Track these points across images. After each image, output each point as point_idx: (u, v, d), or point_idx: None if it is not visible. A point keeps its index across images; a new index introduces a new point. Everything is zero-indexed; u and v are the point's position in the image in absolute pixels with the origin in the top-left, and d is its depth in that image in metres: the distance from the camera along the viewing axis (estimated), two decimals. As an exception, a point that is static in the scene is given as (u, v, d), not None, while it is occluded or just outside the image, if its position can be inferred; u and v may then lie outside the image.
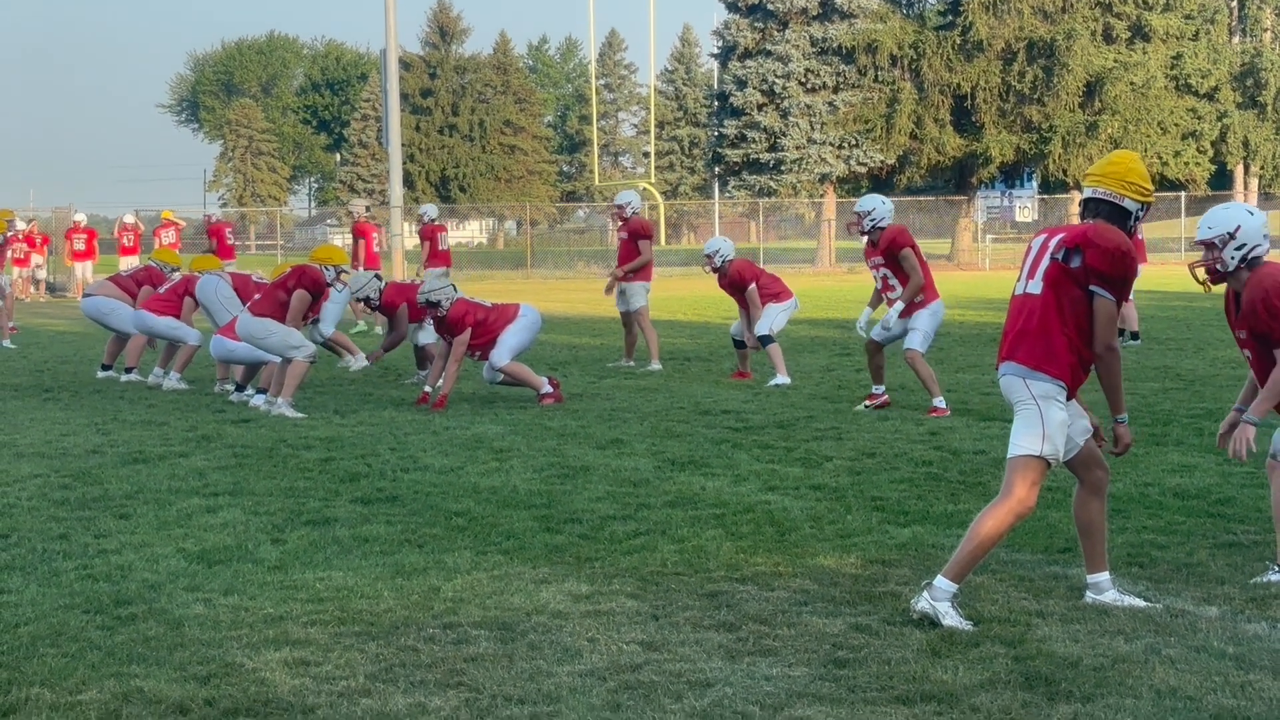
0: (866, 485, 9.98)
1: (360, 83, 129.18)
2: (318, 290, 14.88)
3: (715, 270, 17.37)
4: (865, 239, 14.30)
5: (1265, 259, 7.28)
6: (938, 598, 6.56)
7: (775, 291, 17.21)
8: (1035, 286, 6.72)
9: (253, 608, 7.03)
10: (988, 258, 63.02)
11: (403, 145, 68.08)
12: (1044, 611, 6.79)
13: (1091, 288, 6.59)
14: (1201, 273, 7.36)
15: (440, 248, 26.04)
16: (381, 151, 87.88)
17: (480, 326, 14.79)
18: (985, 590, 7.16)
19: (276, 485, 10.26)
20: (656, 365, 18.35)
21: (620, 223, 19.40)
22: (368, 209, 29.69)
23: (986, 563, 7.67)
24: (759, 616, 6.76)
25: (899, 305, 13.92)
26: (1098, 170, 6.89)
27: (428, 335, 16.83)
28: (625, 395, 15.53)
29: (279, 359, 14.65)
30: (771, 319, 16.96)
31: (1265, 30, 72.26)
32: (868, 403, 14.13)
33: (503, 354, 14.88)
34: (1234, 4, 71.72)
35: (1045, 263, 6.71)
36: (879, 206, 14.11)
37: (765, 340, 16.79)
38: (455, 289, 15.07)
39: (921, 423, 13.02)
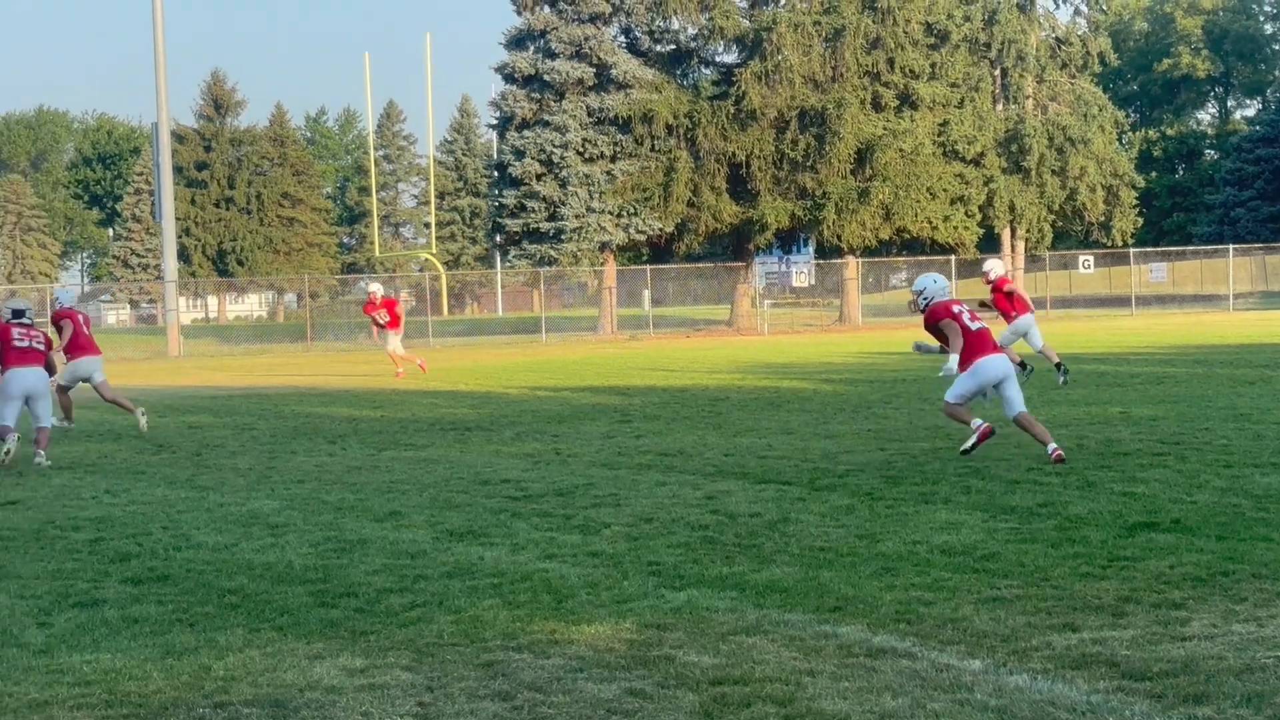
0: (643, 550, 10.06)
1: (133, 156, 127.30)
2: None
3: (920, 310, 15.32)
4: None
5: None
6: None
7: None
8: None
9: (17, 693, 6.86)
10: (766, 323, 63.95)
11: (178, 219, 67.30)
12: (814, 670, 6.90)
13: None
14: None
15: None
16: (156, 226, 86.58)
17: None
18: (757, 650, 7.26)
19: (44, 568, 10.02)
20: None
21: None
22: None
23: (759, 624, 7.79)
24: (534, 684, 6.78)
25: None
26: None
27: None
28: (404, 467, 15.46)
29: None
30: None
31: (1028, 98, 74.70)
32: None
33: None
34: (997, 73, 74.01)
35: None
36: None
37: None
38: None
39: (699, 487, 13.15)
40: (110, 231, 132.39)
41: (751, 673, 6.86)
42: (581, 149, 63.11)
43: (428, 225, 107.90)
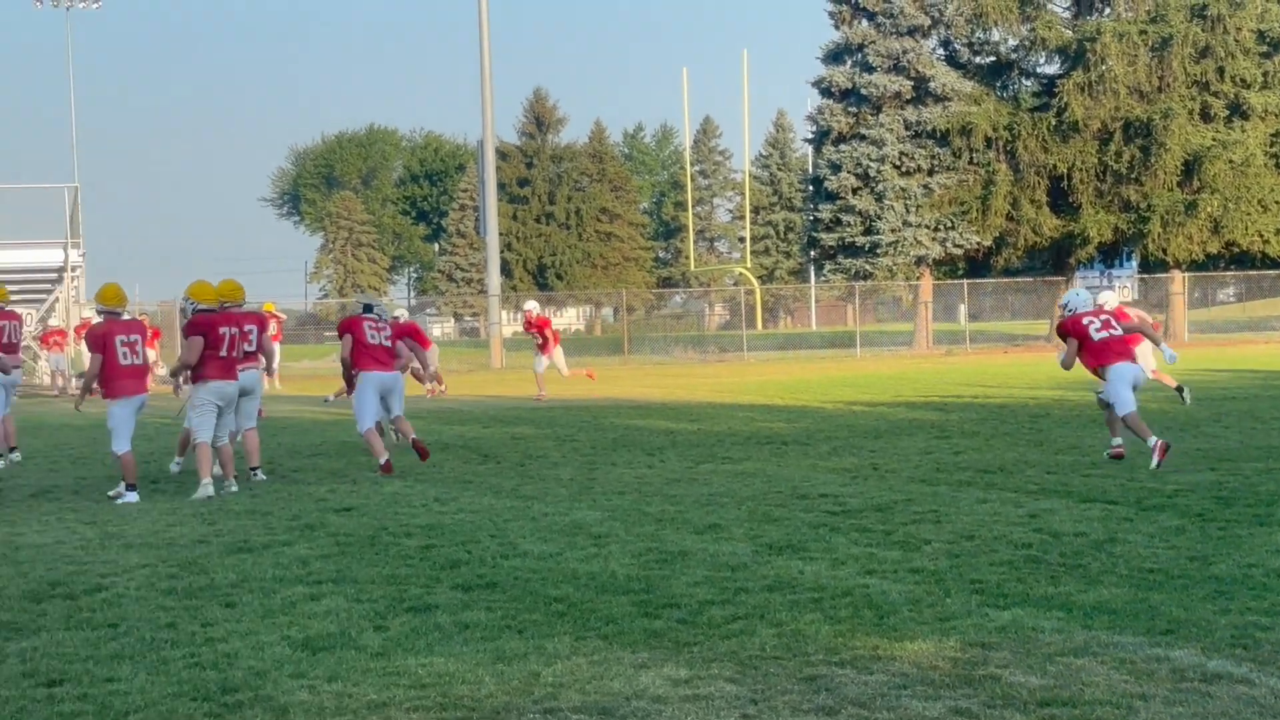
0: (965, 568, 9.94)
1: (458, 173, 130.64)
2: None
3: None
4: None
5: None
6: None
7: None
8: None
9: (356, 694, 7.10)
10: (1087, 338, 62.51)
11: (500, 234, 68.77)
12: (1146, 694, 6.74)
13: None
14: None
15: None
16: (479, 241, 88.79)
17: None
18: (1086, 672, 7.12)
19: (378, 573, 10.36)
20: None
21: None
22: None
23: (1087, 645, 7.64)
24: (858, 700, 6.76)
25: None
26: None
27: None
28: (722, 480, 15.56)
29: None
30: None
31: (1367, 105, 71.48)
32: None
33: None
34: (1334, 80, 71.05)
35: None
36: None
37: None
38: None
39: (1021, 505, 12.95)
40: (435, 246, 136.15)
41: (1081, 694, 6.73)
42: (898, 162, 62.73)
43: (742, 239, 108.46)
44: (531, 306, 33.74)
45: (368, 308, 18.16)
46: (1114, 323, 16.73)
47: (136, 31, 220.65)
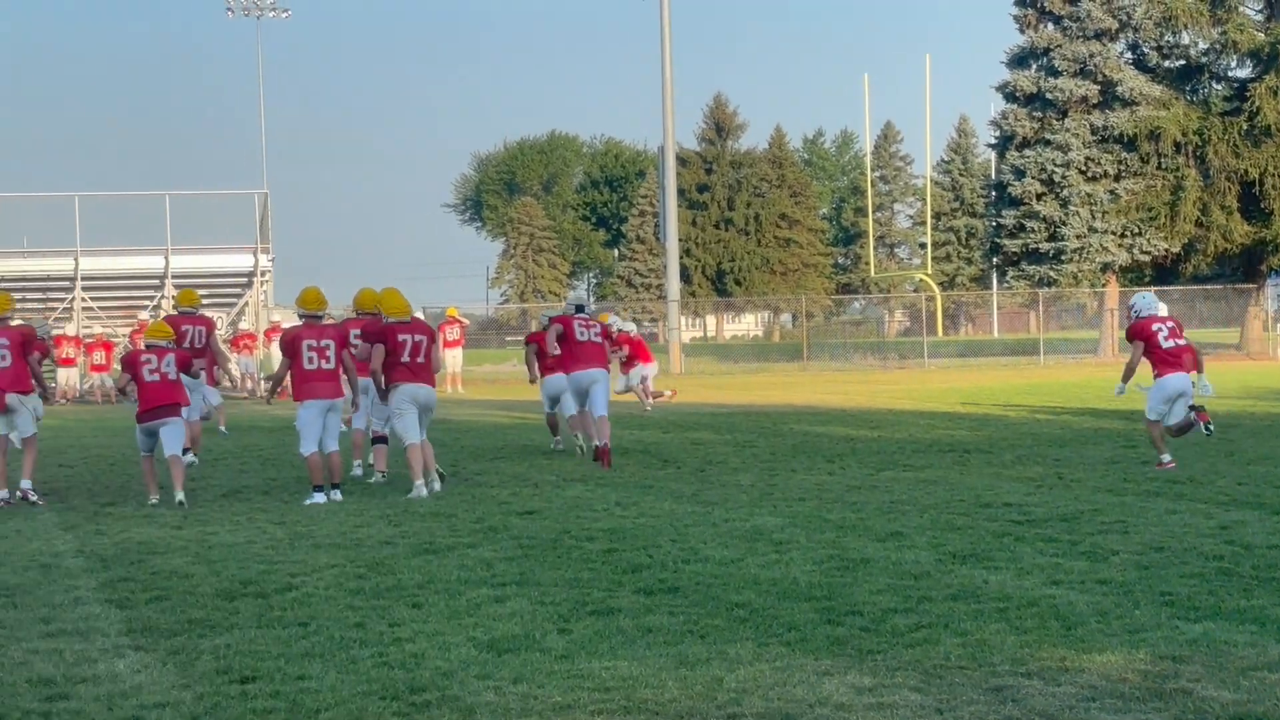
0: (1155, 579, 9.77)
1: (638, 179, 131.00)
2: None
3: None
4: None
5: None
6: None
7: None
8: None
9: (541, 696, 7.17)
10: (1279, 347, 61.16)
11: (680, 240, 68.90)
12: (1344, 712, 6.59)
13: None
14: None
15: None
16: (659, 247, 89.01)
17: None
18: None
19: (561, 576, 10.45)
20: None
21: None
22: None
23: (1282, 661, 7.47)
24: (1045, 712, 6.68)
25: None
26: None
27: None
28: (904, 488, 15.45)
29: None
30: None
31: None
32: None
33: None
34: None
35: None
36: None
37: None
38: None
39: (1211, 516, 12.70)
40: (615, 252, 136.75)
41: (1275, 710, 6.59)
42: (1084, 168, 61.77)
43: (923, 246, 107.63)
44: (613, 322, 32.83)
45: (579, 308, 19.47)
46: (1180, 332, 17.27)
47: (324, 39, 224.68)
